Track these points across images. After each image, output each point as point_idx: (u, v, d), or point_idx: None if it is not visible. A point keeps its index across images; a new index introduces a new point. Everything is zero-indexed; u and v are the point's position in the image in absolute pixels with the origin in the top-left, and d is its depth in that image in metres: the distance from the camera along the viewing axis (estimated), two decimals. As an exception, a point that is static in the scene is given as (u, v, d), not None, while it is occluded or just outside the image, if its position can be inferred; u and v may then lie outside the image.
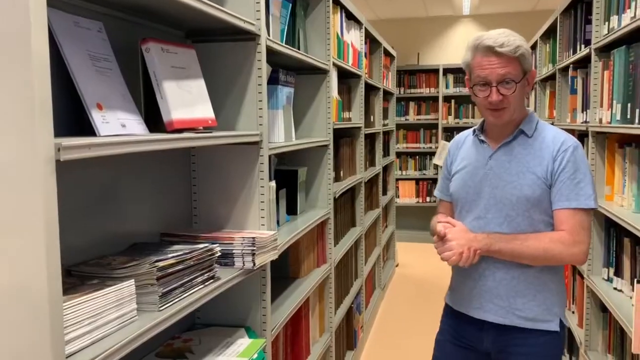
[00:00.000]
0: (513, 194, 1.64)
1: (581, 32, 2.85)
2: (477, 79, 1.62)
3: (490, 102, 1.60)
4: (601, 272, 2.44)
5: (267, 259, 1.67)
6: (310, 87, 2.67)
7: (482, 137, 1.73)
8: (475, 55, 1.62)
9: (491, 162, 1.69)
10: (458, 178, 1.76)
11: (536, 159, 1.64)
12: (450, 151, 1.85)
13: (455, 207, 1.80)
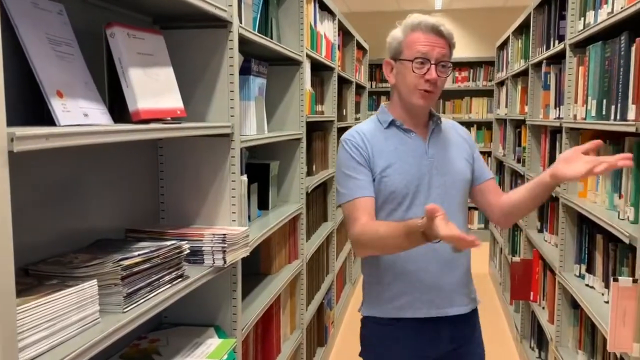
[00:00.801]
0: (460, 179, 1.67)
1: (555, 28, 2.85)
2: (416, 54, 1.55)
3: (427, 81, 1.55)
4: (573, 268, 2.45)
5: (238, 256, 1.61)
6: (282, 78, 2.60)
7: (406, 127, 1.65)
8: (413, 32, 1.57)
9: (431, 150, 1.64)
10: (394, 173, 1.60)
11: (459, 142, 1.73)
12: (360, 147, 1.61)
13: (385, 204, 1.61)
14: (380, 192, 1.61)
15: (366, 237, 1.55)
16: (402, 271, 1.63)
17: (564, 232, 2.51)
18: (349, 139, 1.64)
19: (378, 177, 1.61)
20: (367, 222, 1.56)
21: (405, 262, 1.61)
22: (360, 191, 1.59)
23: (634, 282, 1.52)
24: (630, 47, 1.74)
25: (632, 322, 1.52)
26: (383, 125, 1.67)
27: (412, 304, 1.63)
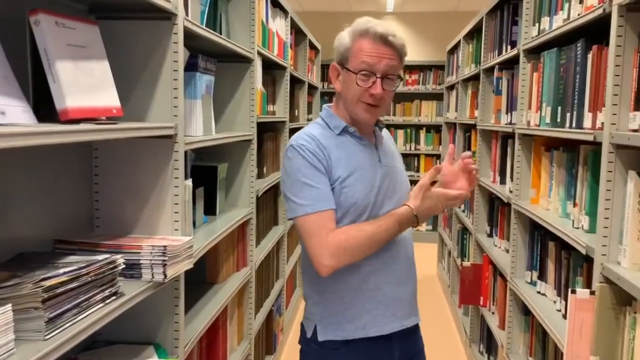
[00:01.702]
0: (407, 184, 1.65)
1: (507, 33, 2.85)
2: (361, 66, 1.45)
3: (371, 95, 1.46)
4: (524, 275, 2.44)
5: (180, 269, 1.48)
6: (232, 76, 2.47)
7: (359, 134, 1.55)
8: (361, 40, 1.46)
9: (383, 159, 1.58)
10: (355, 182, 1.49)
11: (395, 148, 1.72)
12: (318, 154, 1.48)
13: (344, 217, 1.48)
14: (339, 203, 1.48)
15: (353, 241, 1.44)
16: (363, 286, 1.52)
17: (516, 239, 2.49)
18: (303, 145, 1.49)
19: (337, 187, 1.48)
20: (343, 228, 1.46)
21: (366, 276, 1.52)
22: (325, 203, 1.45)
23: (591, 293, 1.49)
24: (587, 54, 1.72)
25: (588, 335, 1.49)
26: (335, 131, 1.55)
27: (377, 321, 1.53)
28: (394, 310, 1.55)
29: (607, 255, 1.50)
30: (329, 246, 1.42)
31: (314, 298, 1.60)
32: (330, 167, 1.49)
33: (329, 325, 1.55)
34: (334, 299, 1.54)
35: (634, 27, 1.41)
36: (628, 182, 1.43)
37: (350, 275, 1.51)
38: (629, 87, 1.43)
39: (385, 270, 1.53)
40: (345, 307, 1.53)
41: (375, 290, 1.53)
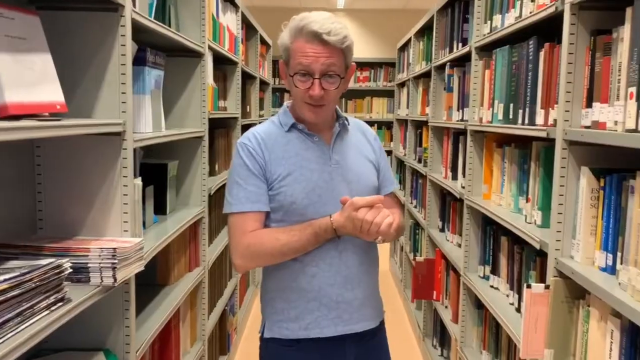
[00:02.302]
0: (367, 185, 1.57)
1: (458, 31, 2.88)
2: (297, 67, 1.42)
3: (310, 96, 1.43)
4: (477, 269, 2.48)
5: (131, 272, 1.41)
6: (182, 71, 2.39)
7: (309, 131, 1.52)
8: (297, 39, 1.43)
9: (335, 156, 1.53)
10: (294, 182, 1.47)
11: (364, 145, 1.63)
12: (255, 153, 1.48)
13: (286, 216, 1.48)
14: (279, 203, 1.47)
15: (262, 248, 1.45)
16: (307, 287, 1.50)
17: (469, 234, 2.53)
18: (244, 143, 1.51)
19: (276, 186, 1.47)
20: (258, 230, 1.47)
21: (311, 277, 1.50)
22: (251, 204, 1.46)
23: (546, 287, 1.51)
24: (539, 51, 1.75)
25: (543, 328, 1.52)
26: (284, 128, 1.53)
27: (319, 322, 1.51)
28: (338, 313, 1.51)
29: (560, 250, 1.53)
30: (240, 247, 1.47)
31: (264, 295, 1.60)
32: (268, 166, 1.48)
33: (275, 323, 1.55)
34: (281, 297, 1.53)
35: (585, 25, 1.43)
36: (581, 178, 1.46)
37: (296, 274, 1.50)
38: (581, 84, 1.46)
39: (331, 272, 1.50)
40: (291, 305, 1.52)
41: (319, 291, 1.50)
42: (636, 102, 1.16)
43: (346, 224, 1.41)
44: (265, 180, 1.48)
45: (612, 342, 1.26)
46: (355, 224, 1.39)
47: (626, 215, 1.27)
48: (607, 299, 1.24)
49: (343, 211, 1.42)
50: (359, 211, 1.39)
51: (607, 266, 1.36)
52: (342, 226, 1.43)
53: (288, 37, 1.45)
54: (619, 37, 1.30)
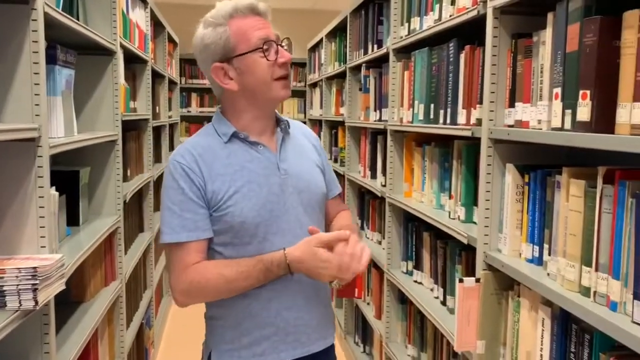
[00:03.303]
0: (317, 193, 1.47)
1: (373, 33, 2.93)
2: (256, 42, 1.31)
3: (282, 65, 1.33)
4: (400, 265, 2.54)
5: (52, 292, 1.29)
6: (92, 70, 2.23)
7: (252, 139, 1.38)
8: (235, 21, 1.32)
9: (283, 165, 1.39)
10: (242, 199, 1.32)
11: (309, 149, 1.52)
12: (192, 173, 1.31)
13: (236, 238, 1.34)
14: (227, 224, 1.32)
15: (207, 284, 1.30)
16: (263, 312, 1.37)
17: (391, 231, 2.58)
18: (178, 162, 1.33)
19: (222, 206, 1.31)
20: (201, 264, 1.32)
21: (267, 301, 1.37)
22: (187, 233, 1.31)
23: (477, 281, 1.57)
24: (460, 54, 1.82)
25: (475, 320, 1.57)
26: (223, 138, 1.37)
27: (275, 347, 1.39)
28: (296, 336, 1.40)
29: (489, 244, 1.59)
30: (182, 284, 1.32)
31: (209, 321, 1.46)
32: (209, 185, 1.32)
33: (224, 353, 1.40)
34: (232, 325, 1.39)
35: (507, 28, 1.50)
36: (506, 175, 1.52)
37: (250, 299, 1.36)
38: (504, 85, 1.53)
39: (288, 294, 1.38)
40: (243, 333, 1.38)
41: (276, 316, 1.38)
42: (561, 102, 1.23)
43: (304, 258, 1.29)
44: (206, 203, 1.32)
45: (543, 330, 1.32)
46: (315, 260, 1.27)
47: (552, 209, 1.34)
48: (538, 289, 1.31)
49: (300, 245, 1.30)
50: (320, 249, 1.27)
51: (533, 258, 1.43)
52: (297, 261, 1.29)
53: (221, 28, 1.32)
54: (539, 41, 1.37)
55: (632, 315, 1.04)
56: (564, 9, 1.21)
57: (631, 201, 1.05)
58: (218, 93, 1.42)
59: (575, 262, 1.21)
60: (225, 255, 1.35)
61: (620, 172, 1.08)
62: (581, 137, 1.14)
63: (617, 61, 1.08)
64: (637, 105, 1.03)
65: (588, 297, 1.16)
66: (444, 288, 2.06)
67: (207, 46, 1.34)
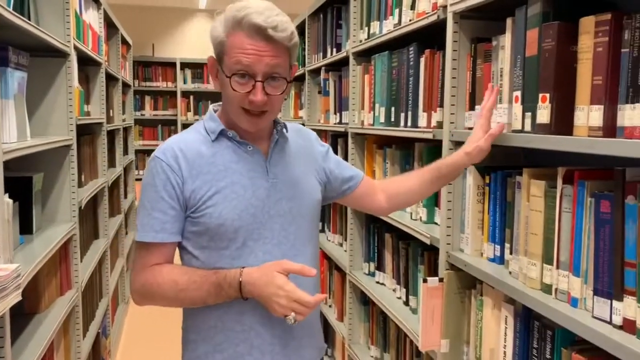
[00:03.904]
0: (310, 202, 1.37)
1: (332, 36, 2.95)
2: (236, 67, 1.20)
3: (251, 102, 1.20)
4: (362, 266, 2.55)
5: (8, 304, 1.23)
6: (44, 73, 2.15)
7: (241, 139, 1.30)
8: (235, 33, 1.20)
9: (273, 169, 1.31)
10: (223, 201, 1.24)
11: (307, 154, 1.42)
12: (171, 170, 1.24)
13: (212, 242, 1.26)
14: (204, 226, 1.24)
15: (158, 289, 1.24)
16: (236, 326, 1.28)
17: (353, 232, 2.60)
18: (159, 158, 1.26)
19: (201, 207, 1.24)
20: (157, 268, 1.25)
21: (239, 314, 1.28)
22: (154, 234, 1.24)
23: (440, 280, 1.60)
24: (420, 57, 1.84)
25: (439, 320, 1.60)
26: (211, 136, 1.29)
27: None
28: (272, 356, 1.30)
29: (451, 244, 1.62)
30: (137, 283, 1.27)
31: (184, 335, 1.37)
32: (188, 184, 1.24)
33: None
34: (205, 338, 1.30)
35: (466, 33, 1.54)
36: (467, 176, 1.56)
37: (223, 312, 1.27)
38: (464, 89, 1.56)
39: (263, 308, 1.25)
40: (217, 349, 1.29)
41: (249, 331, 1.28)
42: (521, 105, 1.26)
43: (260, 282, 1.19)
44: (182, 203, 1.24)
45: (506, 327, 1.36)
46: (271, 288, 1.18)
47: (513, 209, 1.37)
48: (501, 288, 1.34)
49: (262, 267, 1.21)
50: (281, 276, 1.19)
51: (495, 257, 1.47)
52: (251, 283, 1.20)
53: (222, 28, 1.22)
54: (499, 45, 1.40)
55: (592, 311, 1.08)
56: (523, 15, 1.25)
57: (590, 200, 1.09)
58: None
59: (537, 261, 1.24)
60: (200, 259, 1.28)
61: (579, 172, 1.12)
62: (541, 139, 1.17)
63: (574, 65, 1.13)
64: (594, 107, 1.07)
65: (550, 294, 1.20)
66: (407, 288, 2.09)
67: (211, 36, 1.26)
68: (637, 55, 0.99)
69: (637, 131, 0.98)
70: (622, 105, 1.02)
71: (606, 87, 1.04)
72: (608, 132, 1.04)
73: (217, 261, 1.26)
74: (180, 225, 1.26)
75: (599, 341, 1.01)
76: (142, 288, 1.27)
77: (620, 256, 1.01)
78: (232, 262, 1.26)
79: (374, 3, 2.25)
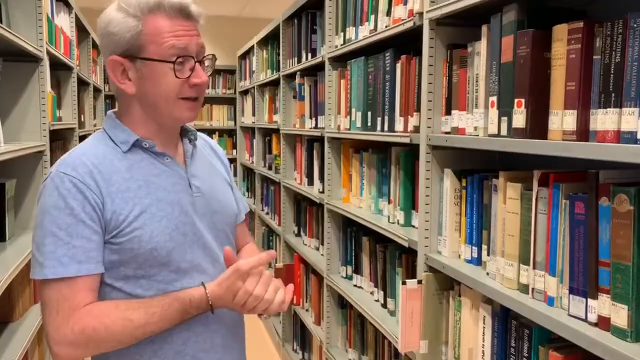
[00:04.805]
0: (231, 215, 1.30)
1: (307, 41, 2.96)
2: (171, 51, 1.10)
3: (194, 86, 1.13)
4: (339, 270, 2.57)
5: (-14, 313, 1.21)
6: (15, 78, 2.11)
7: (158, 150, 1.18)
8: (154, 18, 1.11)
9: (194, 181, 1.20)
10: (151, 221, 1.11)
11: (218, 165, 1.35)
12: (86, 188, 1.07)
13: (142, 268, 1.11)
14: (132, 253, 1.09)
15: (106, 331, 1.05)
16: (176, 358, 1.16)
17: (330, 236, 2.61)
18: (66, 174, 1.07)
19: (126, 230, 1.09)
20: (96, 308, 1.07)
21: (181, 344, 1.16)
22: (78, 266, 1.05)
23: (419, 282, 1.62)
24: (396, 63, 1.87)
25: (418, 321, 1.62)
26: (121, 147, 1.15)
27: None
28: None
29: (429, 247, 1.64)
30: (68, 332, 1.05)
31: None
32: (107, 204, 1.08)
33: None
34: None
35: (442, 39, 1.57)
36: (444, 179, 1.59)
37: (161, 342, 1.14)
38: (440, 94, 1.59)
39: (207, 335, 1.18)
40: None
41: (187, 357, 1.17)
42: (497, 110, 1.30)
43: (226, 295, 1.12)
44: (102, 227, 1.08)
45: (484, 327, 1.39)
46: (239, 297, 1.11)
47: (490, 212, 1.41)
48: (479, 288, 1.37)
49: (222, 280, 1.12)
50: (246, 282, 1.11)
51: (472, 258, 1.50)
52: (219, 298, 1.12)
53: (134, 18, 1.11)
54: (474, 51, 1.44)
55: (568, 309, 1.12)
56: (498, 22, 1.29)
57: (565, 202, 1.12)
58: (114, 91, 1.20)
59: (514, 261, 1.28)
60: (125, 290, 1.11)
61: (554, 175, 1.16)
62: (517, 143, 1.21)
63: (548, 71, 1.16)
64: (568, 112, 1.11)
65: (527, 293, 1.24)
66: (384, 291, 2.11)
67: (110, 33, 1.12)
68: (608, 62, 1.03)
69: (609, 135, 1.02)
70: (594, 110, 1.06)
71: (579, 93, 1.08)
72: (581, 136, 1.08)
73: (146, 290, 1.12)
74: (102, 253, 1.09)
75: (575, 338, 1.05)
76: (80, 336, 1.05)
77: (595, 256, 1.04)
78: (165, 288, 1.12)
79: (350, 9, 2.28)
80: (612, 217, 1.01)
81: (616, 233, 1.00)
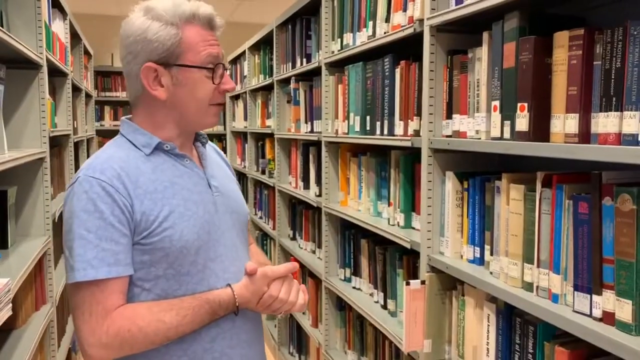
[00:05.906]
0: (245, 214, 1.35)
1: (301, 47, 2.99)
2: (207, 59, 1.18)
3: (224, 92, 1.21)
4: (338, 272, 2.60)
5: (2, 318, 1.22)
6: (16, 85, 2.12)
7: (179, 151, 1.23)
8: (190, 27, 1.17)
9: (213, 181, 1.26)
10: (180, 220, 1.14)
11: (224, 163, 1.43)
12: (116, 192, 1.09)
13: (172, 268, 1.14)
14: (163, 252, 1.12)
15: (140, 332, 1.08)
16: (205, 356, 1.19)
17: (328, 239, 2.64)
18: (95, 178, 1.09)
19: (157, 230, 1.12)
20: (128, 310, 1.10)
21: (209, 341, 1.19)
22: (108, 268, 1.07)
23: (422, 283, 1.66)
24: (395, 68, 1.91)
25: (422, 321, 1.65)
26: (144, 150, 1.18)
27: None
28: None
29: (432, 248, 1.68)
30: (103, 334, 1.07)
31: None
32: (136, 206, 1.11)
33: None
34: None
35: (443, 45, 1.61)
36: (446, 182, 1.63)
37: (190, 341, 1.17)
38: (441, 98, 1.63)
39: (233, 331, 1.22)
40: None
41: (221, 357, 1.21)
42: (500, 114, 1.34)
43: (252, 298, 1.19)
44: (131, 229, 1.10)
45: (489, 325, 1.43)
46: (264, 300, 1.19)
47: (492, 213, 1.45)
48: (483, 287, 1.41)
49: (249, 284, 1.19)
50: (271, 286, 1.19)
51: (475, 258, 1.54)
52: (246, 301, 1.19)
53: (173, 26, 1.15)
54: (475, 57, 1.48)
55: (572, 305, 1.16)
56: (500, 29, 1.33)
57: (568, 202, 1.17)
58: (134, 96, 1.22)
59: (518, 260, 1.32)
60: (154, 291, 1.14)
61: (557, 176, 1.20)
62: (520, 146, 1.25)
63: (549, 77, 1.21)
64: (570, 116, 1.15)
65: (531, 291, 1.28)
66: (384, 292, 2.15)
67: (148, 40, 1.14)
68: (609, 68, 1.07)
69: (610, 137, 1.06)
70: (595, 114, 1.10)
71: (580, 97, 1.13)
72: (583, 138, 1.13)
73: (176, 290, 1.15)
74: (130, 255, 1.11)
75: (581, 333, 1.09)
76: (116, 338, 1.07)
77: (599, 253, 1.09)
78: (194, 288, 1.16)
79: (347, 15, 2.32)
80: (616, 216, 1.05)
81: (619, 231, 1.04)
